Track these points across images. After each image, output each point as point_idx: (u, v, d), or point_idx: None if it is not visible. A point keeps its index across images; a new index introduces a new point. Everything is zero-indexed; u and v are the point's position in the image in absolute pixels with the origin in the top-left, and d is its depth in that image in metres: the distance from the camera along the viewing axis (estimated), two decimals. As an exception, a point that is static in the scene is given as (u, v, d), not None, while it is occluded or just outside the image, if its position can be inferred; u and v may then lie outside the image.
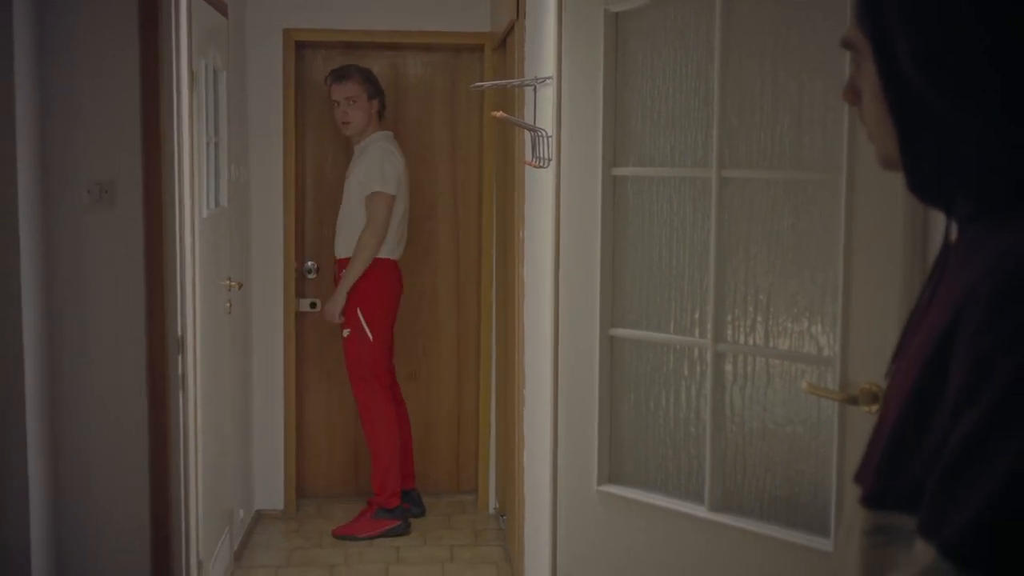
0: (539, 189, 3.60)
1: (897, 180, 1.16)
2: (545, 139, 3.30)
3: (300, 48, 5.36)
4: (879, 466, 1.08)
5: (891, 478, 1.06)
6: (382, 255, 5.04)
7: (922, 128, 1.06)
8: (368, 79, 5.10)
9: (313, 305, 5.50)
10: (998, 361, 0.91)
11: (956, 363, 0.96)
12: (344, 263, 5.07)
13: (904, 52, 1.04)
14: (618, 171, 2.97)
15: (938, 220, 2.14)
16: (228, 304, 4.59)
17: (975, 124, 1.01)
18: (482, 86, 4.39)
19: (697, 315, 2.82)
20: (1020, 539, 0.87)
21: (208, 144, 4.19)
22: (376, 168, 4.97)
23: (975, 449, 0.91)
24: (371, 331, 5.04)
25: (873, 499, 1.08)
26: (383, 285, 5.08)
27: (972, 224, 1.06)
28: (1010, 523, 0.88)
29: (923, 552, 0.94)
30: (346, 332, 5.07)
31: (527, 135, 3.64)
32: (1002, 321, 0.92)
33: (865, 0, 1.09)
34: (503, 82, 4.15)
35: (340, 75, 5.10)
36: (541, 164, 3.34)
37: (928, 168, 1.07)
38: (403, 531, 5.15)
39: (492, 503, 5.52)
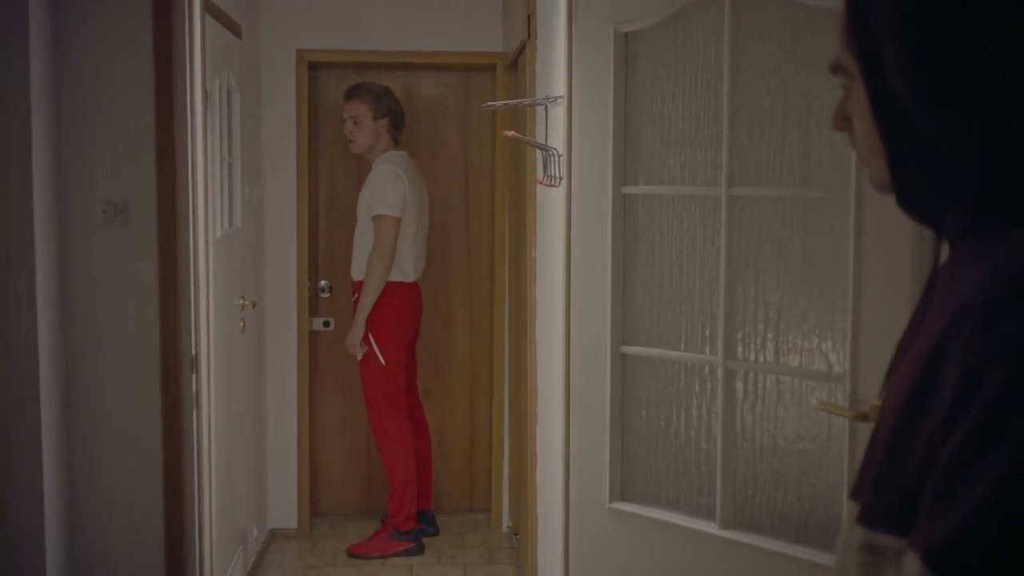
0: (550, 208, 3.61)
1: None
2: (556, 158, 3.31)
3: (313, 69, 5.39)
4: (872, 485, 1.07)
5: (880, 497, 1.05)
6: (394, 278, 5.03)
7: (912, 144, 1.04)
8: (378, 98, 5.08)
9: (327, 324, 5.52)
10: (989, 372, 0.89)
11: (946, 376, 0.94)
12: (359, 285, 5.07)
13: (895, 66, 1.02)
14: (628, 189, 2.99)
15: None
16: (242, 323, 4.60)
17: (975, 133, 0.99)
18: (494, 105, 4.41)
19: (708, 332, 2.83)
20: (1003, 549, 0.87)
21: (222, 164, 4.22)
22: (379, 190, 4.95)
23: (963, 461, 0.90)
24: (383, 356, 5.03)
25: (865, 517, 1.07)
26: (396, 309, 5.06)
27: (964, 240, 1.04)
28: (994, 533, 0.87)
29: (910, 566, 0.94)
30: (359, 356, 5.07)
31: (538, 154, 3.66)
32: (995, 332, 0.90)
33: (852, 19, 1.07)
34: (515, 101, 4.17)
35: (348, 94, 5.12)
36: (552, 183, 3.35)
37: (919, 185, 1.06)
38: (417, 552, 5.14)
39: (505, 521, 5.52)
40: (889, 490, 1.03)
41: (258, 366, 5.19)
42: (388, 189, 4.94)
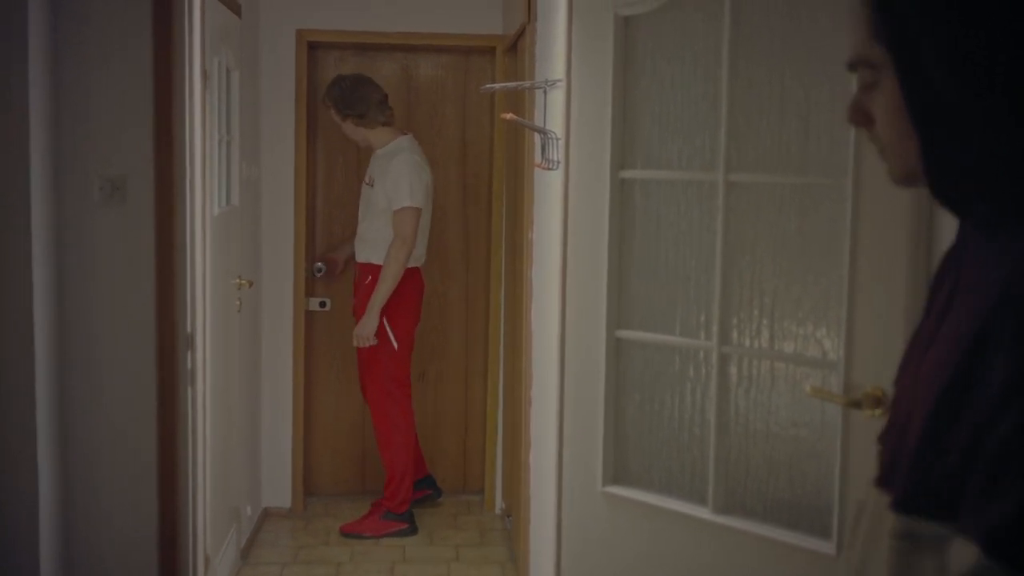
0: (548, 191, 3.61)
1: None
2: (554, 141, 3.31)
3: (312, 49, 5.38)
4: (909, 472, 1.07)
5: (921, 484, 1.05)
6: (408, 264, 5.03)
7: (947, 132, 1.04)
8: (339, 99, 5.02)
9: (323, 304, 5.52)
10: None
11: (997, 364, 0.95)
12: (366, 268, 5.05)
13: (931, 54, 1.03)
14: (626, 174, 2.99)
15: (943, 224, 2.15)
16: (238, 302, 4.60)
17: (1013, 121, 1.00)
18: (492, 88, 4.40)
19: (703, 317, 2.83)
20: None
21: (220, 142, 4.21)
22: (404, 182, 4.90)
23: (1017, 446, 0.91)
24: (396, 340, 5.04)
25: (903, 504, 1.07)
26: (408, 294, 5.06)
27: (996, 228, 1.04)
28: None
29: (964, 553, 0.94)
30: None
31: (537, 137, 3.65)
32: None
33: (881, 11, 1.07)
34: (513, 84, 4.16)
35: (322, 99, 5.14)
36: (550, 166, 3.35)
37: (953, 175, 1.06)
38: (410, 533, 5.16)
39: (499, 503, 5.53)
40: (930, 477, 1.03)
41: (254, 346, 5.19)
42: (413, 181, 4.91)
